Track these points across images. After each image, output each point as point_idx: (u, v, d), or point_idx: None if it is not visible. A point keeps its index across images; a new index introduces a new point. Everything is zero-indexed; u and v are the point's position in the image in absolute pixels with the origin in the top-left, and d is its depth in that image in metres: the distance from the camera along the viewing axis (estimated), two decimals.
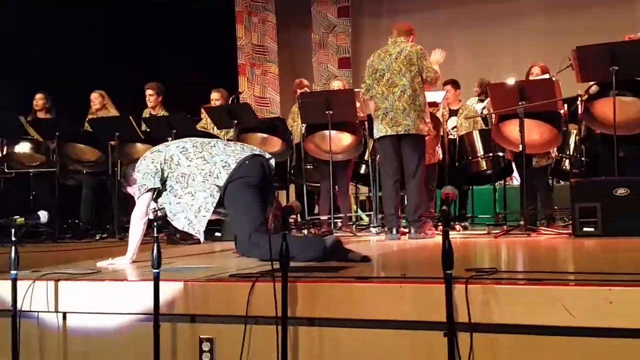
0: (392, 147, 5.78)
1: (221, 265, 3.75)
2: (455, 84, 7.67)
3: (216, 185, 3.99)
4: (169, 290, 3.00)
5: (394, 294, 2.68)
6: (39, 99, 7.84)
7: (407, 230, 5.78)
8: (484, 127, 7.22)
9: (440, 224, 4.95)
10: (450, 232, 2.50)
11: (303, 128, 6.85)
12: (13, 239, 3.04)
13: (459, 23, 10.69)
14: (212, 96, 7.58)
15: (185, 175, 4.05)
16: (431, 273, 2.74)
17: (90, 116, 7.72)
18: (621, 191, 4.93)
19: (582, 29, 8.42)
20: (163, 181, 4.07)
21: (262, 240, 3.74)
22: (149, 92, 7.70)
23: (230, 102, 7.53)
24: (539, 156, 6.36)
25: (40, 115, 7.81)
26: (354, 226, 7.10)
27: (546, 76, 6.31)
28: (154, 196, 4.10)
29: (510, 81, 6.53)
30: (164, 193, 4.12)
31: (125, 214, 7.35)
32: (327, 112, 6.27)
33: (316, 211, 7.37)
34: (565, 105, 6.21)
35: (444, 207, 2.56)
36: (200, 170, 4.03)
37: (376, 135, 5.91)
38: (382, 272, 3.63)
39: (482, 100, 7.92)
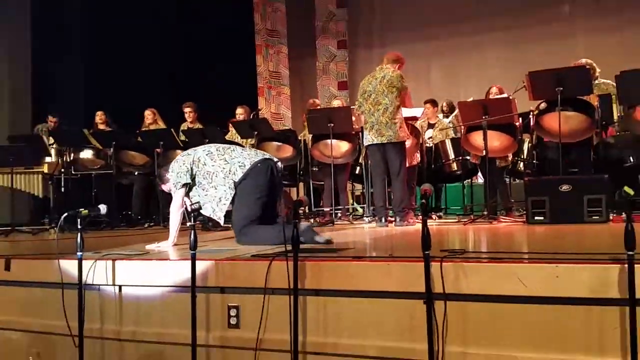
0: (379, 153, 5.78)
1: (245, 247, 3.76)
2: (434, 103, 7.66)
3: (233, 181, 4.04)
4: (203, 267, 3.02)
5: (383, 270, 2.69)
6: (101, 115, 7.88)
7: (393, 219, 5.78)
8: (453, 136, 7.22)
9: (420, 214, 4.94)
10: (428, 221, 2.50)
11: (310, 138, 6.86)
12: (79, 227, 3.05)
13: (435, 53, 10.67)
14: (237, 111, 7.59)
15: (210, 173, 4.10)
16: (413, 253, 2.75)
17: (143, 128, 7.74)
18: (565, 187, 4.91)
19: (533, 58, 8.38)
20: (192, 178, 4.11)
21: (250, 231, 3.96)
22: (187, 109, 7.71)
23: (251, 117, 7.54)
24: (499, 159, 6.36)
25: (102, 127, 7.84)
26: (350, 216, 7.09)
27: (504, 95, 6.29)
28: (187, 190, 4.13)
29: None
30: (194, 188, 4.16)
31: (168, 207, 7.38)
32: (329, 125, 6.27)
33: (321, 204, 7.36)
34: (520, 119, 6.19)
35: (423, 201, 2.56)
36: (222, 168, 4.08)
37: (366, 143, 5.91)
38: (373, 253, 3.62)
39: (447, 116, 7.94)
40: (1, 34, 8.85)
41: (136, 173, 7.62)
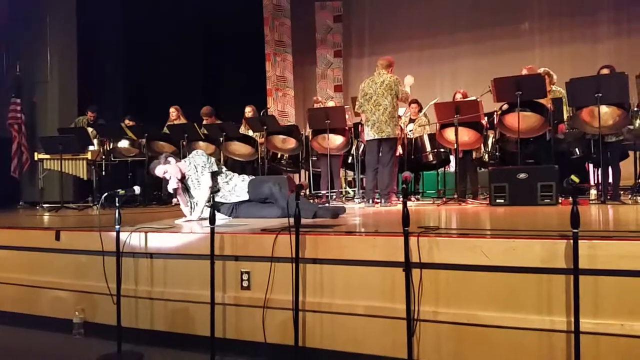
0: (376, 146, 5.78)
1: (255, 223, 3.76)
2: (418, 103, 7.61)
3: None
4: (221, 239, 3.02)
5: (369, 242, 2.69)
6: (128, 121, 7.77)
7: (378, 200, 5.78)
8: (429, 132, 7.22)
9: (401, 196, 4.94)
10: (408, 202, 2.49)
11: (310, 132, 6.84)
12: (117, 204, 3.04)
13: (415, 63, 10.57)
14: (246, 109, 7.53)
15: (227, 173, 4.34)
16: (395, 229, 2.75)
17: (168, 123, 7.70)
18: (522, 175, 4.93)
19: (498, 67, 8.34)
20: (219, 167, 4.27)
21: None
22: (204, 117, 7.60)
23: (261, 114, 7.49)
24: (475, 151, 6.38)
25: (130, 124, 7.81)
26: (343, 198, 7.10)
27: (473, 98, 6.27)
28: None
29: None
30: (219, 176, 4.20)
31: None
32: (326, 122, 6.25)
33: (319, 187, 7.37)
34: (486, 117, 6.19)
35: (404, 185, 2.56)
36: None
37: (366, 138, 5.90)
38: (362, 228, 3.61)
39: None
40: (52, 42, 8.76)
41: None
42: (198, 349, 2.96)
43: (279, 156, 7.43)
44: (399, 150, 6.67)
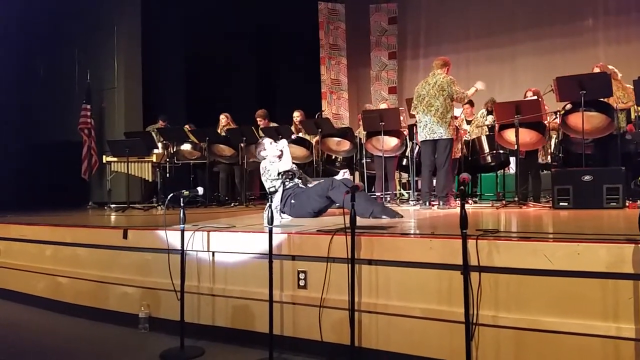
0: (430, 147, 5.71)
1: (311, 224, 3.81)
2: (472, 104, 7.46)
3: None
4: (278, 239, 3.08)
5: (426, 245, 2.67)
6: (189, 126, 8.08)
7: (435, 202, 5.70)
8: (488, 133, 7.04)
9: (458, 198, 4.85)
10: (465, 205, 2.46)
11: (364, 134, 6.84)
12: (181, 204, 3.15)
13: (473, 63, 10.37)
14: (295, 114, 7.58)
15: None
16: (452, 232, 2.72)
17: (219, 130, 7.88)
18: (586, 177, 4.73)
19: (560, 66, 8.04)
20: None
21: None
22: (258, 118, 7.77)
23: (316, 117, 7.55)
24: (541, 153, 6.18)
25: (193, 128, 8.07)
26: (398, 200, 7.04)
27: (535, 97, 6.07)
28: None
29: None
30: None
31: (250, 189, 7.58)
32: (380, 123, 6.23)
33: (373, 190, 7.34)
34: (549, 117, 5.99)
35: (462, 187, 2.52)
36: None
37: (420, 139, 5.85)
38: (418, 230, 3.58)
39: (490, 113, 7.69)
40: (119, 52, 9.22)
41: (224, 162, 7.79)
42: (257, 345, 3.03)
43: (333, 158, 7.47)
44: (459, 152, 6.55)
